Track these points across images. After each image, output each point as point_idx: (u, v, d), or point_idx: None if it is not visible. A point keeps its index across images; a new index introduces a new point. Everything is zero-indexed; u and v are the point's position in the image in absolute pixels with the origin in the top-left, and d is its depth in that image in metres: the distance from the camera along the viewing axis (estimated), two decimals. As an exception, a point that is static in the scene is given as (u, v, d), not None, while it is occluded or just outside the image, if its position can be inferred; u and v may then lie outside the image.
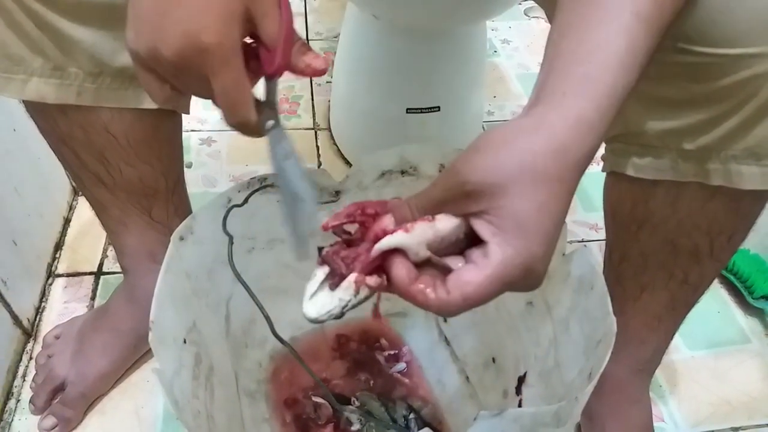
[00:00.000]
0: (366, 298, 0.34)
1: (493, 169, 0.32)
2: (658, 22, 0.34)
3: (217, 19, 0.34)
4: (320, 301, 0.35)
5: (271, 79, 0.39)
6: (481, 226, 0.32)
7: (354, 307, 0.34)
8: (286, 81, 1.10)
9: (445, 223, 0.33)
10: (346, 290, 0.34)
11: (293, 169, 0.40)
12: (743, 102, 0.40)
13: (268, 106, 0.39)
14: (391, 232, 0.33)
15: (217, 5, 0.34)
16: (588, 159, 0.32)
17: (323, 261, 0.36)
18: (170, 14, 0.34)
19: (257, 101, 0.38)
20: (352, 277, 0.34)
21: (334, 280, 0.35)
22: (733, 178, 0.44)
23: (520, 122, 0.33)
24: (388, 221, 0.34)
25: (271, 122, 0.39)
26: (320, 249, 0.37)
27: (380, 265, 0.34)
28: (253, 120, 0.38)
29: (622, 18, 0.33)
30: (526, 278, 0.32)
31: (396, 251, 0.33)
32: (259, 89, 0.39)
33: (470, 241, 0.33)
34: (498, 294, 0.32)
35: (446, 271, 0.33)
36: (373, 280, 0.34)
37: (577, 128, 0.32)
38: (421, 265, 0.34)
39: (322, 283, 0.35)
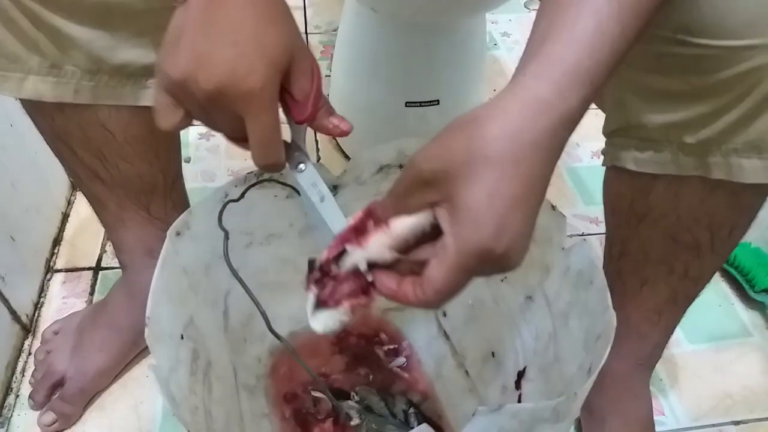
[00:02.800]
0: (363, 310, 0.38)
1: (445, 157, 0.32)
2: (635, 6, 0.33)
3: (266, 66, 0.36)
4: (323, 320, 0.38)
5: (299, 126, 0.42)
6: (440, 216, 0.33)
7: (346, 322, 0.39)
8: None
9: (401, 225, 0.35)
10: (343, 314, 0.38)
11: (331, 209, 0.43)
12: (744, 94, 0.40)
13: (296, 149, 0.43)
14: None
15: (269, 54, 0.36)
16: (549, 138, 0.32)
17: (314, 285, 0.39)
18: (220, 50, 0.35)
19: (285, 142, 0.41)
20: (347, 304, 0.38)
21: (324, 300, 0.39)
22: (734, 171, 0.44)
23: (477, 109, 0.33)
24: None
25: (302, 165, 0.43)
26: (311, 262, 0.40)
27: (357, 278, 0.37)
28: (283, 161, 0.41)
29: (593, 0, 0.32)
30: (488, 262, 0.32)
31: (377, 273, 0.36)
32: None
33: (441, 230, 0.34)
34: (467, 281, 0.34)
35: (422, 265, 0.34)
36: (363, 300, 0.37)
37: (532, 108, 0.32)
38: (398, 266, 0.36)
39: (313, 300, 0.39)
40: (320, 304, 0.39)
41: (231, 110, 0.37)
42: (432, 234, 0.34)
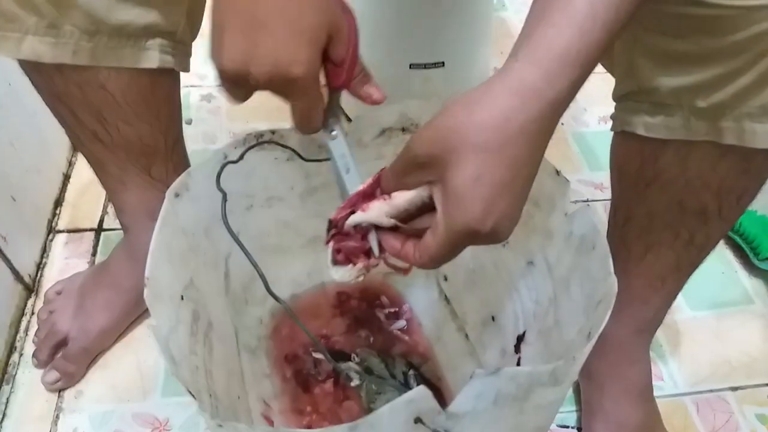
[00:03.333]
0: (366, 273, 0.44)
1: (437, 142, 0.34)
2: None
3: (305, 51, 0.38)
4: (341, 273, 0.45)
5: (336, 91, 0.45)
6: (434, 194, 0.36)
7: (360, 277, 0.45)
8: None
9: (401, 198, 0.39)
10: (359, 270, 0.44)
11: (354, 183, 0.45)
12: (759, 57, 0.39)
13: (331, 113, 0.45)
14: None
15: (306, 38, 0.38)
16: (536, 124, 0.33)
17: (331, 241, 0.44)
18: (261, 43, 0.38)
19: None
20: (360, 264, 0.44)
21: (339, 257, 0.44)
22: (746, 136, 0.43)
23: (470, 93, 0.34)
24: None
25: (334, 132, 0.46)
26: (330, 221, 0.44)
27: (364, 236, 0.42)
28: (319, 129, 0.45)
29: None
30: (475, 239, 0.35)
31: (384, 234, 0.41)
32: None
33: None
34: (456, 252, 0.37)
35: (422, 232, 0.38)
36: (374, 261, 0.43)
37: (519, 95, 0.33)
38: (397, 232, 0.41)
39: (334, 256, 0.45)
40: (337, 261, 0.44)
41: (281, 92, 0.41)
42: (432, 204, 0.37)
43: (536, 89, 0.33)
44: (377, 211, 0.40)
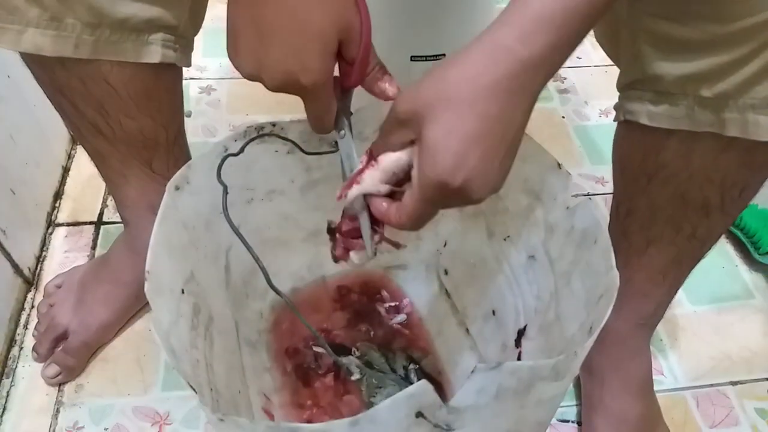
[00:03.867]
0: (377, 241, 0.46)
1: (415, 100, 0.36)
2: None
3: (315, 59, 0.39)
4: (360, 255, 0.47)
5: (348, 90, 0.45)
6: (413, 153, 0.37)
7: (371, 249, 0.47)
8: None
9: (387, 160, 0.40)
10: (370, 242, 0.46)
11: (349, 169, 0.46)
12: (764, 45, 0.39)
13: (342, 113, 0.45)
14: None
15: (316, 44, 0.39)
16: (509, 81, 0.34)
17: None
18: (271, 52, 0.39)
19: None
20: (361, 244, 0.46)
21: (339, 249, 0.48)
22: (749, 128, 0.42)
23: (448, 58, 0.36)
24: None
25: (342, 131, 0.46)
26: (329, 222, 0.48)
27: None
28: (331, 129, 0.46)
29: None
30: (448, 194, 0.36)
31: (371, 198, 0.42)
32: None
33: None
34: (432, 210, 0.38)
35: None
36: (377, 238, 0.46)
37: (492, 53, 0.34)
38: (395, 196, 0.41)
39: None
40: (337, 257, 0.48)
41: (294, 94, 0.41)
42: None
43: (508, 48, 0.33)
44: (370, 180, 0.41)
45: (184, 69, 0.59)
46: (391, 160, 0.39)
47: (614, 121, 0.52)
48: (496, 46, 0.34)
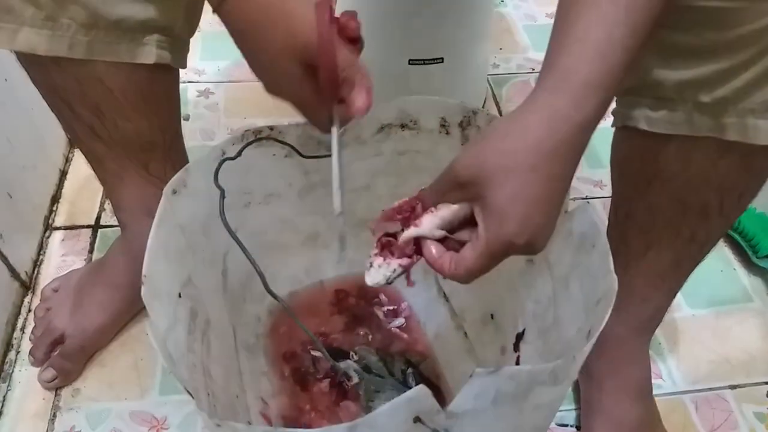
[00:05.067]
0: (402, 273, 0.45)
1: (478, 166, 0.38)
2: (644, 5, 0.35)
3: (284, 83, 0.45)
4: (373, 274, 0.46)
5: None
6: (475, 211, 0.39)
7: (396, 278, 0.46)
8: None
9: (445, 211, 0.42)
10: (387, 268, 0.46)
11: (335, 181, 0.48)
12: (763, 51, 0.39)
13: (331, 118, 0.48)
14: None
15: (279, 71, 0.44)
16: (567, 146, 0.36)
17: (380, 248, 0.47)
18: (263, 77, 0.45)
19: None
20: (392, 261, 0.46)
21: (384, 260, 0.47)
22: (749, 132, 0.42)
23: (504, 124, 0.38)
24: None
25: (343, 129, 0.48)
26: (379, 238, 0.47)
27: (418, 248, 0.44)
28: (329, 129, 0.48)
29: (600, 7, 0.35)
30: (512, 250, 0.38)
31: (423, 238, 0.43)
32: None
33: None
34: (493, 265, 0.40)
35: (462, 244, 0.41)
36: (404, 261, 0.45)
37: (549, 122, 0.36)
38: (446, 242, 0.43)
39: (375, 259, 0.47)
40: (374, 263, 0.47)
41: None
42: (472, 220, 0.41)
43: (565, 115, 0.36)
44: (429, 224, 0.42)
45: (182, 72, 0.59)
46: (452, 210, 0.41)
47: (612, 126, 0.52)
48: (553, 114, 0.36)
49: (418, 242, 0.44)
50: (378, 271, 0.46)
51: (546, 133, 0.36)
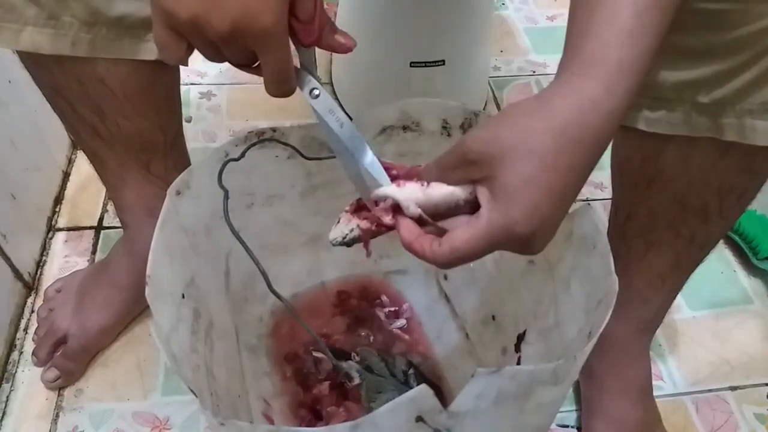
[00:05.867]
0: (359, 235, 0.41)
1: (493, 142, 0.35)
2: None
3: (277, 1, 0.35)
4: (333, 230, 0.43)
5: (307, 49, 0.41)
6: (480, 192, 0.36)
7: (352, 239, 0.42)
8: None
9: (438, 190, 0.38)
10: (346, 226, 0.42)
11: (351, 134, 0.42)
12: (762, 53, 0.39)
13: (307, 72, 0.42)
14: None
15: None
16: (595, 134, 0.34)
17: (353, 209, 0.43)
18: None
19: (295, 68, 0.41)
20: (353, 220, 0.42)
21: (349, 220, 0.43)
22: (747, 133, 0.43)
23: (528, 102, 0.35)
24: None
25: (317, 91, 0.42)
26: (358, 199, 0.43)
27: (393, 224, 0.40)
28: (294, 89, 0.41)
29: None
30: (512, 239, 0.35)
31: (402, 213, 0.39)
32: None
33: (474, 208, 0.37)
34: (483, 251, 0.36)
35: (444, 233, 0.37)
36: (364, 224, 0.41)
37: (578, 107, 0.33)
38: (423, 225, 0.39)
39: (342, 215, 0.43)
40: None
41: (244, 47, 0.37)
42: (463, 210, 0.37)
43: (596, 100, 0.33)
44: (410, 193, 0.38)
45: (184, 74, 0.59)
46: (442, 193, 0.38)
47: (612, 126, 0.52)
48: (583, 101, 0.33)
49: (395, 215, 0.40)
50: (337, 228, 0.42)
51: (574, 119, 0.33)
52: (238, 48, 0.37)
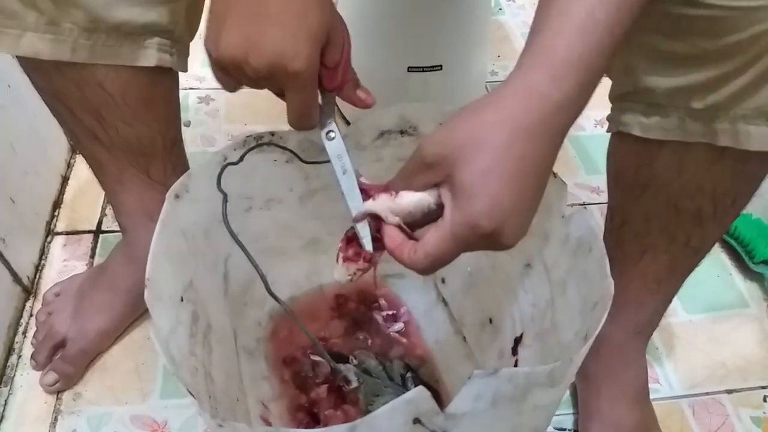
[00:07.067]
0: (365, 270, 0.45)
1: (446, 142, 0.36)
2: None
3: (308, 47, 0.39)
4: (338, 271, 0.46)
5: (330, 93, 0.46)
6: (443, 194, 0.37)
7: (360, 275, 0.45)
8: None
9: (407, 198, 0.39)
10: (347, 270, 0.45)
11: (350, 185, 0.46)
12: (755, 59, 0.39)
13: (327, 114, 0.46)
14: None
15: (309, 33, 0.39)
16: (544, 124, 0.34)
17: (345, 241, 0.46)
18: (267, 32, 0.38)
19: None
20: (351, 266, 0.45)
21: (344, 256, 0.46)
22: (740, 138, 0.43)
23: (480, 100, 0.36)
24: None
25: (332, 134, 0.46)
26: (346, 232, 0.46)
27: (380, 243, 0.42)
28: (316, 125, 0.45)
29: None
30: (479, 236, 0.35)
31: (386, 226, 0.41)
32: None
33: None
34: (456, 251, 0.37)
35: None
36: (362, 265, 0.45)
37: (526, 98, 0.34)
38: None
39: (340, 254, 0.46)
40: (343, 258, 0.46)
41: (277, 85, 0.41)
42: (438, 215, 0.38)
43: (542, 92, 0.34)
44: (382, 204, 0.40)
45: (183, 79, 0.59)
46: (412, 199, 0.39)
47: (607, 132, 0.52)
48: (531, 90, 0.34)
49: (378, 227, 0.42)
50: (339, 270, 0.45)
51: (521, 110, 0.34)
52: (274, 85, 0.41)
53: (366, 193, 0.44)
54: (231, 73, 0.41)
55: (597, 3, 0.33)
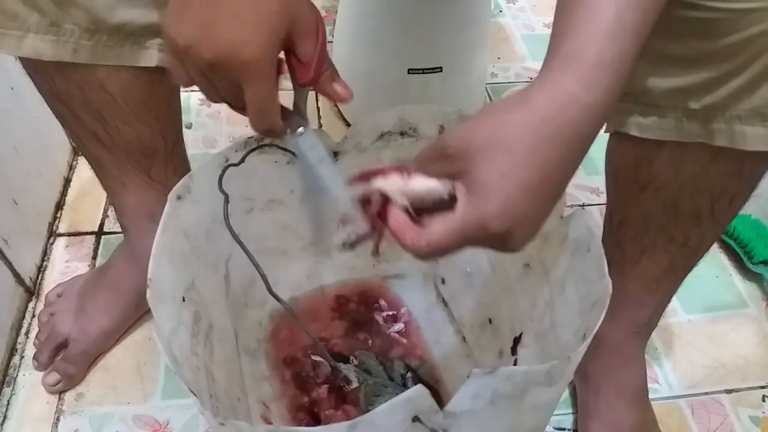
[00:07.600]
0: (364, 238, 0.42)
1: (470, 137, 0.35)
2: None
3: (262, 36, 0.37)
4: (337, 234, 0.44)
5: (302, 89, 0.43)
6: (457, 187, 0.36)
7: (359, 241, 0.42)
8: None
9: (420, 183, 0.38)
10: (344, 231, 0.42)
11: (328, 170, 0.44)
12: (751, 60, 0.40)
13: (296, 113, 0.44)
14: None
15: (265, 22, 0.37)
16: (573, 130, 0.33)
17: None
18: (220, 20, 0.37)
19: (285, 109, 0.42)
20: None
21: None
22: (737, 138, 0.43)
23: (509, 98, 0.35)
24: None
25: (301, 129, 0.44)
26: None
27: (383, 217, 0.40)
28: (279, 126, 0.42)
29: None
30: (485, 236, 0.34)
31: (392, 206, 0.39)
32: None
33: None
34: (460, 245, 0.36)
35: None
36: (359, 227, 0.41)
37: (556, 101, 0.33)
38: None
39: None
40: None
41: (230, 78, 0.39)
42: (448, 206, 0.37)
43: (573, 95, 0.33)
44: (394, 183, 0.39)
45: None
46: (424, 185, 0.38)
47: (605, 132, 0.53)
48: (561, 93, 0.33)
49: (385, 206, 0.40)
50: (339, 233, 0.43)
51: (551, 113, 0.33)
52: (225, 79, 0.39)
53: (374, 174, 0.41)
54: (183, 63, 0.39)
55: (624, 6, 0.33)
